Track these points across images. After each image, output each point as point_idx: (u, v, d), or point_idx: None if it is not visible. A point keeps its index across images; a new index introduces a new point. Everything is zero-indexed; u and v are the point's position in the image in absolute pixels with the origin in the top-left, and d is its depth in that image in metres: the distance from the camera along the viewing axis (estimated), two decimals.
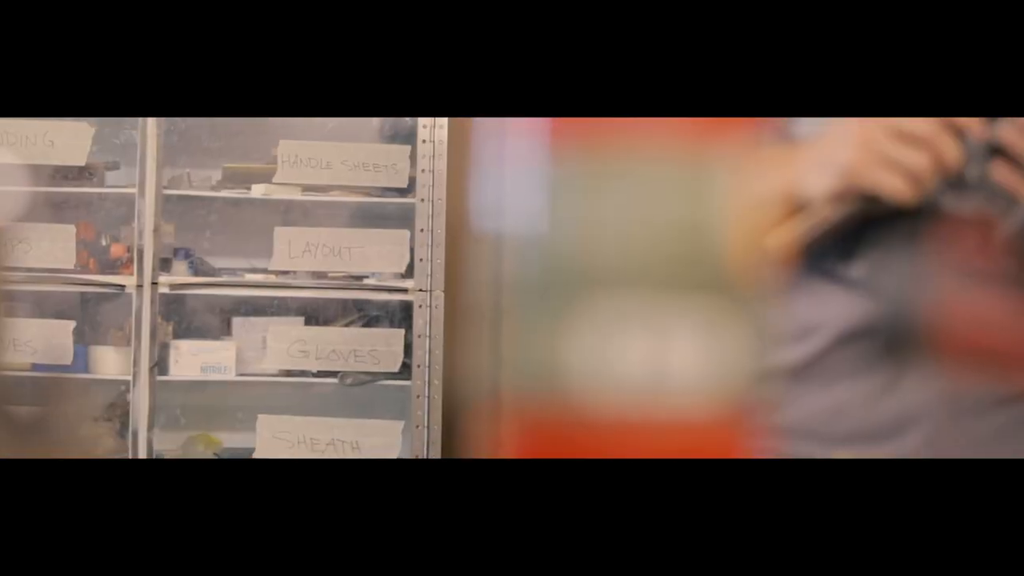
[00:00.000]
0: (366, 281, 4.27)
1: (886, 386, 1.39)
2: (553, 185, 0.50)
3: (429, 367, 4.14)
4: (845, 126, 1.34)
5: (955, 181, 1.39)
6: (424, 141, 4.21)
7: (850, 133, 1.32)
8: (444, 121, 4.18)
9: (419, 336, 4.16)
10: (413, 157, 4.22)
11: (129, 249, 4.19)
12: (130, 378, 4.13)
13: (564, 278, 0.50)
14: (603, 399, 0.50)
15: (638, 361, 0.49)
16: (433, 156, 4.19)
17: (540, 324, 0.52)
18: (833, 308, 1.44)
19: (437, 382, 4.12)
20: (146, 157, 4.14)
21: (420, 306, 4.16)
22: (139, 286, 4.14)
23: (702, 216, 0.49)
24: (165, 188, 4.19)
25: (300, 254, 4.23)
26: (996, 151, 1.35)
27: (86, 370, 4.21)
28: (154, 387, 4.13)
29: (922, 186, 1.30)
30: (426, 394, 4.14)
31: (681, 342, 0.50)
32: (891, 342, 0.69)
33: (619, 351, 0.49)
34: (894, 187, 1.31)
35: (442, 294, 4.14)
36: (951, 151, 1.30)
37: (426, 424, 4.14)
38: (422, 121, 4.19)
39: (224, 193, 4.31)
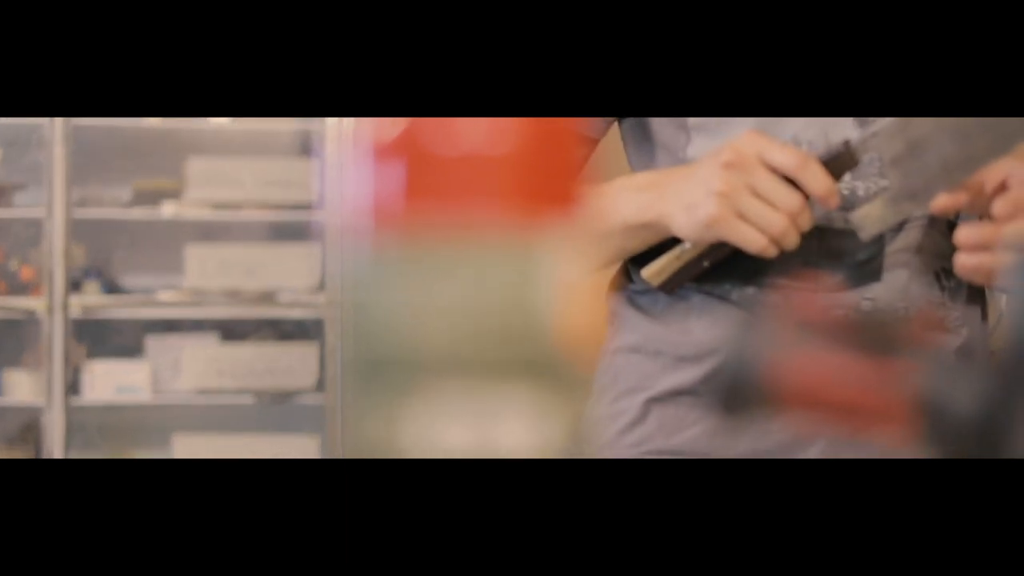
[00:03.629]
0: (279, 296, 4.27)
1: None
2: (384, 269, 0.52)
3: (343, 380, 4.15)
4: (710, 166, 1.37)
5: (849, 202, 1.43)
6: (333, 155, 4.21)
7: (713, 178, 1.35)
8: (351, 134, 4.18)
9: (332, 350, 4.16)
10: (323, 172, 4.23)
11: (39, 271, 4.16)
12: (43, 402, 4.10)
13: (398, 361, 0.52)
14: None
15: (467, 444, 0.52)
16: (342, 169, 4.20)
17: (374, 405, 0.54)
18: (729, 329, 1.47)
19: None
20: (53, 178, 4.11)
21: (333, 320, 4.16)
22: (50, 309, 4.11)
23: (529, 301, 0.52)
24: (75, 206, 4.15)
25: (213, 272, 4.22)
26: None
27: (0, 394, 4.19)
28: (69, 410, 4.11)
29: (785, 240, 1.34)
30: (340, 407, 4.15)
31: (509, 426, 0.53)
32: (730, 392, 0.72)
33: (449, 434, 0.52)
34: (753, 243, 1.35)
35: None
36: (820, 184, 1.34)
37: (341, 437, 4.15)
38: (330, 135, 4.19)
39: (134, 215, 4.30)
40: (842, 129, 1.43)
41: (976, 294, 1.53)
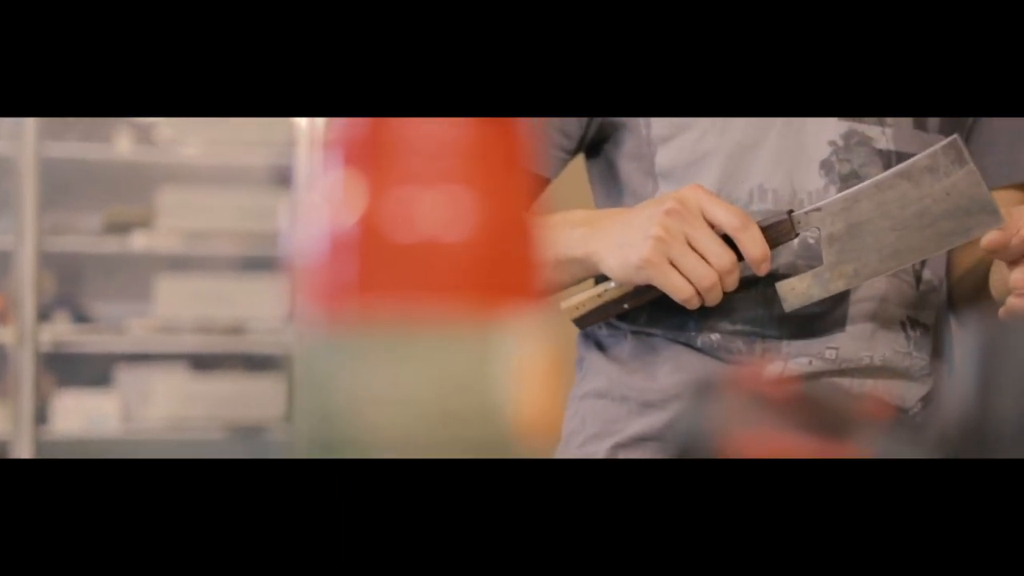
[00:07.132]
0: (250, 326, 4.25)
1: None
2: (338, 354, 0.52)
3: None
4: (651, 211, 1.38)
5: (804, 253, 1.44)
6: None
7: (652, 222, 1.36)
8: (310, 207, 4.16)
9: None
10: (293, 206, 4.22)
11: (8, 301, 4.13)
12: (10, 434, 4.06)
13: (352, 445, 0.52)
14: None
15: None
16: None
17: None
18: (693, 375, 1.47)
19: None
20: (23, 208, 4.08)
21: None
22: (19, 340, 4.08)
23: (485, 386, 0.51)
24: (46, 233, 4.12)
25: (183, 302, 4.21)
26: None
27: None
28: (37, 441, 4.08)
29: (710, 294, 1.36)
30: None
31: None
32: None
33: None
34: (679, 291, 1.36)
35: None
36: (756, 248, 1.35)
37: None
38: (301, 168, 4.18)
39: (105, 246, 4.27)
40: (808, 178, 1.44)
41: (943, 343, 1.54)
